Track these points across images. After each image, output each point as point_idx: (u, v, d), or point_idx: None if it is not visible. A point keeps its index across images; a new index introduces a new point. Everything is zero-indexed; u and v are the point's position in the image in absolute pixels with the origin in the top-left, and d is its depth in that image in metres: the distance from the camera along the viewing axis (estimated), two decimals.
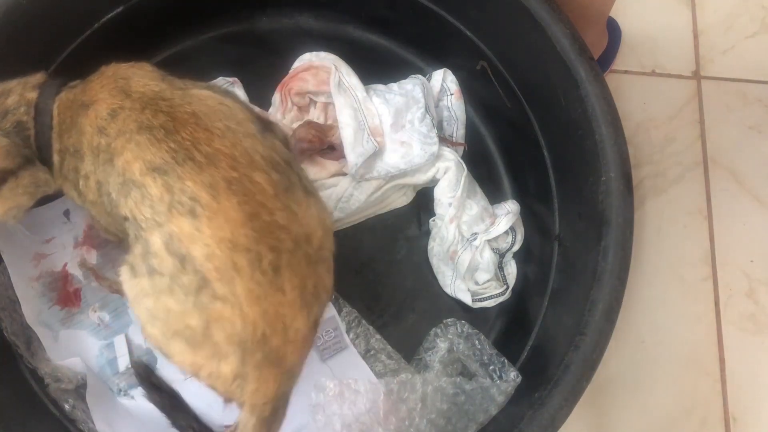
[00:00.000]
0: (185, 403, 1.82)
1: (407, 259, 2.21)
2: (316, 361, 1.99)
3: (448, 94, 2.28)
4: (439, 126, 2.25)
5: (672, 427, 2.34)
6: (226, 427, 1.75)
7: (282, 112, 2.23)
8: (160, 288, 1.49)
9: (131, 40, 2.17)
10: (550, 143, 2.11)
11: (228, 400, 1.59)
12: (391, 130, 2.15)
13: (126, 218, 1.56)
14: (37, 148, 1.66)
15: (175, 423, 1.79)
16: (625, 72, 2.81)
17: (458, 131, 2.29)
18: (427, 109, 2.16)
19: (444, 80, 2.29)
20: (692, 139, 2.71)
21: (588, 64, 1.93)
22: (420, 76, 2.27)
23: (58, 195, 1.83)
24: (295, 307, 1.54)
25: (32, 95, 1.68)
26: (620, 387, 2.34)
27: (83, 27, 2.13)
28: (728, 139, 2.73)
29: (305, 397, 1.91)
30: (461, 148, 2.27)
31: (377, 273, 2.10)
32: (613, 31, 2.77)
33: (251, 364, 1.51)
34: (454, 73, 2.31)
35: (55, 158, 1.68)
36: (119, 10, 2.15)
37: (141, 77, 1.70)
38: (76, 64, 2.04)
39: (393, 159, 2.14)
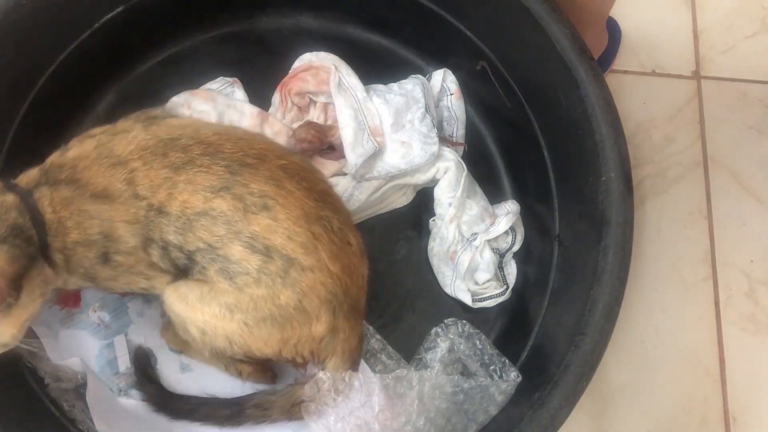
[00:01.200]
0: (177, 394, 1.96)
1: (407, 259, 2.21)
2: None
3: (448, 94, 2.28)
4: (439, 126, 2.25)
5: (672, 427, 2.33)
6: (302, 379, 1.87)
7: (282, 111, 2.23)
8: (245, 283, 1.66)
9: (131, 41, 2.21)
10: (550, 143, 2.10)
11: (303, 363, 1.82)
12: (391, 130, 2.15)
13: (196, 251, 1.66)
14: (40, 247, 1.62)
15: (172, 413, 1.90)
16: (625, 72, 2.81)
17: (458, 131, 2.29)
18: (427, 109, 2.16)
19: (444, 80, 2.29)
20: (692, 139, 2.71)
21: (588, 64, 1.93)
22: (420, 76, 2.28)
23: None
24: (358, 256, 1.81)
25: (10, 198, 1.60)
26: (620, 387, 2.34)
27: (83, 27, 2.12)
28: (728, 139, 2.73)
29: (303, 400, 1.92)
30: (461, 148, 2.27)
31: (377, 273, 2.07)
32: (613, 31, 2.77)
33: (341, 317, 1.75)
34: (454, 73, 2.31)
35: (58, 257, 1.64)
36: (119, 10, 2.15)
37: (121, 140, 1.71)
38: (77, 64, 2.11)
39: (393, 159, 2.14)
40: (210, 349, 1.76)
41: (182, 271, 1.70)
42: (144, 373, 1.96)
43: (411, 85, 2.23)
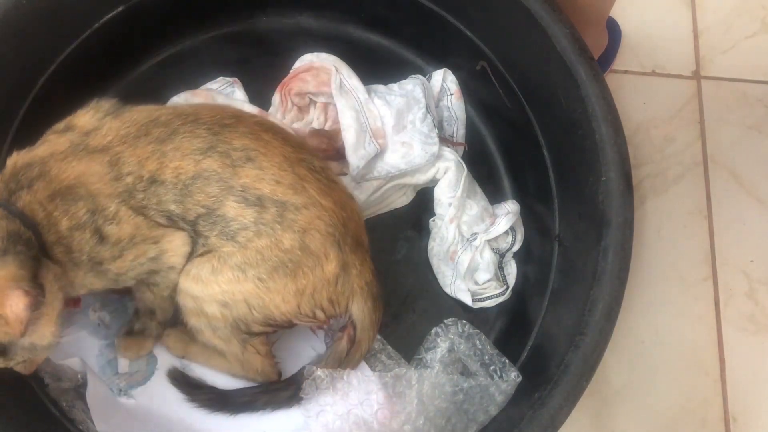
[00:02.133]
0: (228, 390, 1.99)
1: (407, 259, 2.21)
2: (316, 358, 2.00)
3: (448, 94, 2.28)
4: (440, 126, 2.25)
5: (672, 427, 2.33)
6: (341, 330, 1.93)
7: (282, 111, 2.23)
8: (247, 238, 1.72)
9: (131, 40, 2.22)
10: (550, 143, 2.10)
11: (325, 319, 1.84)
12: (392, 132, 2.16)
13: (197, 218, 1.72)
14: (40, 247, 1.61)
15: (235, 408, 1.94)
16: (625, 72, 2.81)
17: (458, 131, 2.29)
18: (428, 109, 2.16)
19: (444, 80, 2.29)
20: (692, 139, 2.71)
21: (588, 64, 1.93)
22: (420, 76, 2.28)
23: None
24: (347, 193, 1.89)
25: None
26: (620, 387, 2.34)
27: (83, 27, 2.13)
28: (728, 139, 2.73)
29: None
30: (461, 148, 2.27)
31: (377, 273, 2.09)
32: (613, 31, 2.77)
33: (348, 250, 1.80)
34: (454, 73, 2.31)
35: (59, 250, 1.65)
36: (120, 9, 2.15)
37: (95, 136, 1.74)
38: (77, 64, 2.12)
39: (393, 159, 2.14)
40: (231, 324, 1.78)
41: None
42: (188, 385, 1.98)
43: (411, 85, 2.23)
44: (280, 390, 1.94)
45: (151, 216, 1.70)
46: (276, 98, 2.24)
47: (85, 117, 1.76)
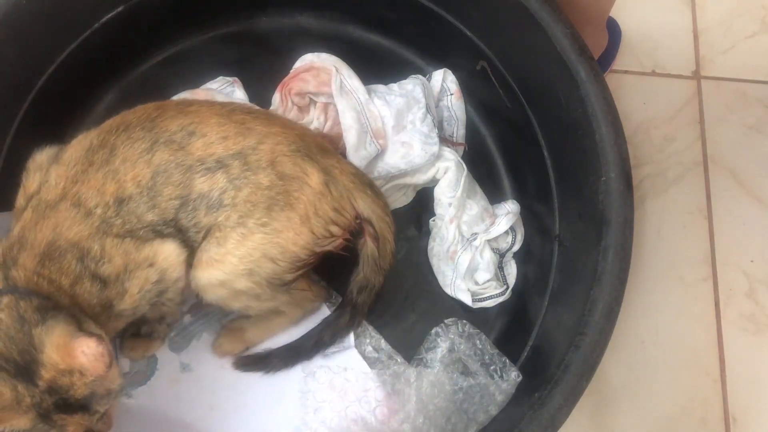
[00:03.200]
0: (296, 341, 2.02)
1: (407, 259, 2.20)
2: (317, 357, 2.00)
3: (448, 94, 2.28)
4: (440, 126, 2.24)
5: (672, 427, 2.33)
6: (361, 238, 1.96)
7: (282, 111, 2.22)
8: (231, 198, 1.75)
9: (132, 40, 2.22)
10: (550, 143, 2.10)
11: (342, 233, 1.88)
12: (392, 132, 2.15)
13: (176, 213, 1.73)
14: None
15: (309, 352, 2.00)
16: (625, 72, 2.81)
17: (458, 131, 2.29)
18: (428, 109, 2.16)
19: (444, 80, 2.29)
20: (692, 139, 2.71)
21: (588, 64, 1.92)
22: (420, 76, 2.27)
23: None
24: (288, 119, 2.05)
25: (5, 299, 1.55)
26: (620, 387, 2.33)
27: (84, 27, 2.12)
28: (728, 139, 2.73)
29: (299, 394, 1.95)
30: (461, 148, 2.26)
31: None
32: (613, 31, 2.77)
33: (319, 157, 1.86)
34: (454, 73, 2.30)
35: (75, 311, 1.63)
36: (120, 9, 2.15)
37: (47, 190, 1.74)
38: (77, 64, 2.11)
39: (393, 159, 2.13)
40: (267, 285, 1.81)
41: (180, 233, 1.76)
42: (259, 361, 2.01)
43: (411, 85, 2.22)
44: (338, 318, 1.99)
45: (141, 236, 1.70)
46: (276, 98, 2.23)
47: (31, 180, 1.77)
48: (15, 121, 2.04)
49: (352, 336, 2.01)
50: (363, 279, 1.96)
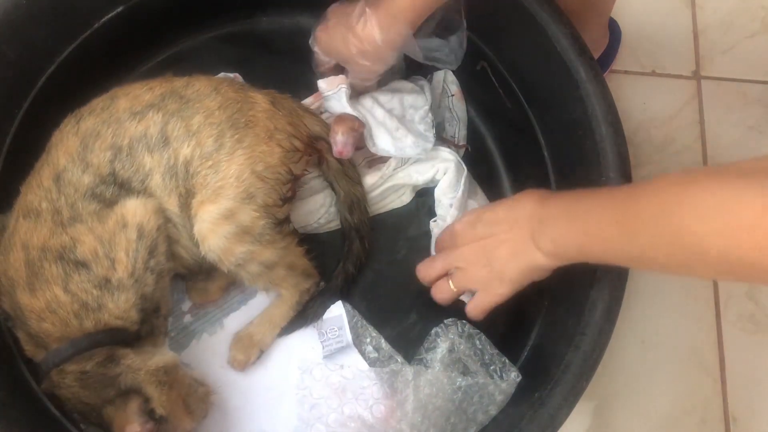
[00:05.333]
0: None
1: (407, 259, 2.17)
2: (319, 356, 2.00)
3: (449, 95, 2.26)
4: (441, 127, 2.23)
5: (672, 427, 2.33)
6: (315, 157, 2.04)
7: None
8: (179, 127, 1.76)
9: (131, 40, 2.20)
10: (550, 143, 2.09)
11: (303, 138, 1.95)
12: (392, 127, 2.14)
13: (113, 163, 1.72)
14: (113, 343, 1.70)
15: (305, 321, 2.03)
16: (625, 72, 2.81)
17: (460, 132, 2.26)
18: (428, 110, 2.15)
19: (445, 81, 2.27)
20: (692, 139, 2.71)
21: (588, 64, 1.92)
22: (421, 77, 2.26)
23: None
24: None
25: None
26: (620, 387, 2.33)
27: (84, 26, 2.12)
28: (728, 139, 2.72)
29: (296, 391, 1.95)
30: (463, 150, 2.25)
31: (377, 273, 2.09)
32: (613, 31, 2.77)
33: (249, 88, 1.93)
34: (454, 73, 2.29)
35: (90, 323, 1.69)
36: (119, 9, 2.14)
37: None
38: (77, 64, 2.11)
39: (384, 143, 2.11)
40: (265, 215, 1.82)
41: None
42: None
43: (412, 85, 2.21)
44: (350, 247, 2.08)
45: (92, 209, 1.70)
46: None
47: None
48: (15, 122, 2.02)
49: (350, 334, 2.00)
50: (345, 196, 2.04)
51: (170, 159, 1.74)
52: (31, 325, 1.66)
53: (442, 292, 1.89)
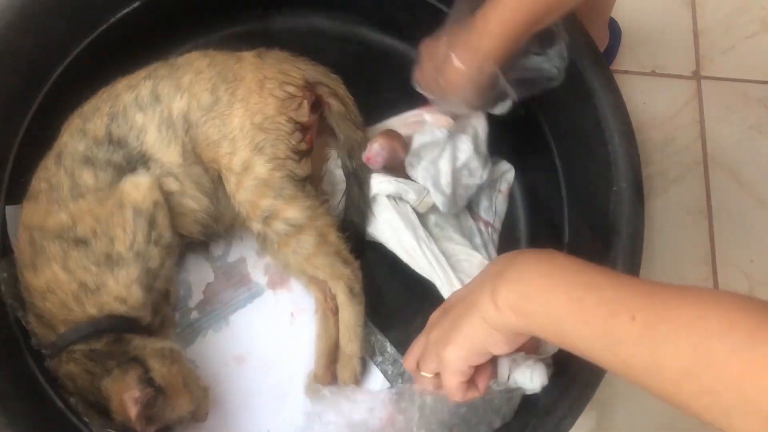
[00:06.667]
0: None
1: None
2: None
3: (498, 189, 2.11)
4: (476, 211, 2.12)
5: (672, 428, 2.27)
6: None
7: None
8: (171, 87, 1.78)
9: (146, 36, 2.12)
10: (562, 151, 2.01)
11: (296, 83, 1.89)
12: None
13: (109, 126, 1.74)
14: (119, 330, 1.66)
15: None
16: (625, 72, 2.75)
17: (495, 224, 2.12)
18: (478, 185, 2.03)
19: (504, 174, 2.12)
20: (692, 139, 2.64)
21: (602, 72, 1.85)
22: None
23: None
24: None
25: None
26: (620, 387, 2.26)
27: (100, 21, 2.04)
28: (728, 139, 2.66)
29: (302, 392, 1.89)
30: (491, 228, 2.11)
31: (382, 276, 2.02)
32: (613, 31, 2.71)
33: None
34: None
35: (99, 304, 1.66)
36: (136, 5, 2.06)
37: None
38: (92, 58, 2.03)
39: (422, 178, 1.97)
40: (281, 170, 1.79)
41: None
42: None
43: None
44: (350, 192, 2.00)
45: (91, 185, 1.68)
46: None
47: None
48: (29, 113, 1.94)
49: None
50: (345, 140, 1.97)
51: (162, 112, 1.75)
52: (37, 304, 1.64)
53: (420, 383, 1.67)
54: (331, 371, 1.86)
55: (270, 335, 1.95)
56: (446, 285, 1.91)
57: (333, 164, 2.05)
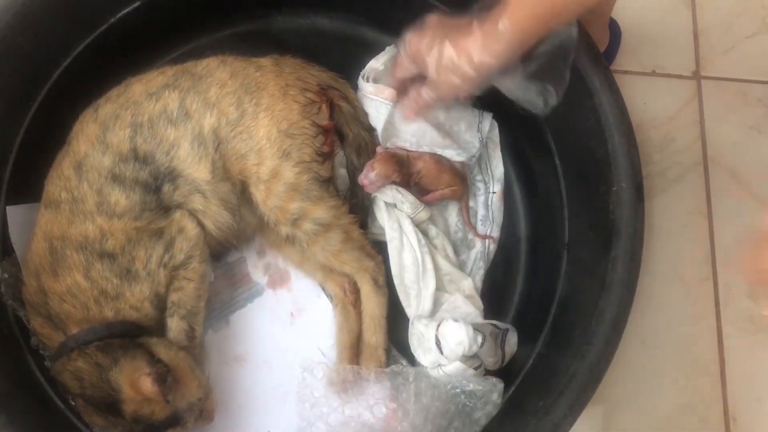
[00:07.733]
0: None
1: None
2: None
3: (491, 192, 2.13)
4: (474, 223, 2.12)
5: (672, 427, 2.23)
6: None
7: None
8: (200, 103, 1.79)
9: (147, 36, 2.11)
10: (563, 151, 1.99)
11: (314, 88, 1.93)
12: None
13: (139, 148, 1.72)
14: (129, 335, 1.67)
15: None
16: (625, 72, 2.69)
17: (492, 232, 2.11)
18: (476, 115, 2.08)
19: (492, 176, 2.14)
20: (692, 139, 2.59)
21: (602, 73, 1.82)
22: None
23: None
24: None
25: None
26: (620, 387, 2.23)
27: (100, 21, 2.02)
28: (728, 139, 2.61)
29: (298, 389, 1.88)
30: (489, 241, 2.10)
31: (385, 278, 1.98)
32: (613, 31, 2.66)
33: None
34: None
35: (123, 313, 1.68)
36: (136, 5, 2.04)
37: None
38: (92, 58, 2.02)
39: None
40: (307, 174, 1.82)
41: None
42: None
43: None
44: (353, 191, 2.02)
45: (114, 196, 1.69)
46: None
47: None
48: (29, 114, 1.93)
49: None
50: (353, 139, 2.00)
51: (194, 128, 1.74)
52: (53, 306, 1.63)
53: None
54: (354, 363, 1.88)
55: (270, 335, 1.94)
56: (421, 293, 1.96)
57: (338, 163, 2.03)
